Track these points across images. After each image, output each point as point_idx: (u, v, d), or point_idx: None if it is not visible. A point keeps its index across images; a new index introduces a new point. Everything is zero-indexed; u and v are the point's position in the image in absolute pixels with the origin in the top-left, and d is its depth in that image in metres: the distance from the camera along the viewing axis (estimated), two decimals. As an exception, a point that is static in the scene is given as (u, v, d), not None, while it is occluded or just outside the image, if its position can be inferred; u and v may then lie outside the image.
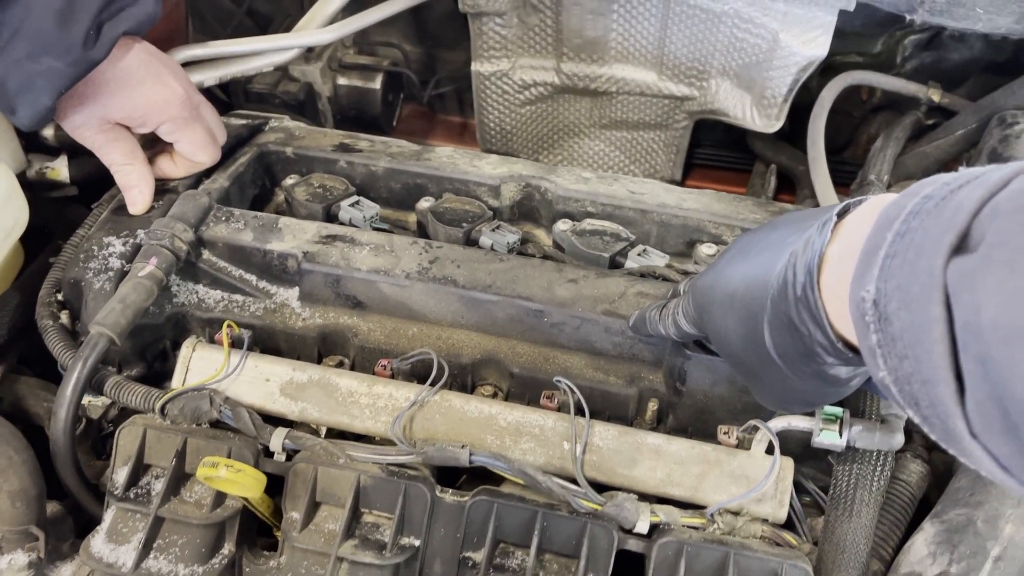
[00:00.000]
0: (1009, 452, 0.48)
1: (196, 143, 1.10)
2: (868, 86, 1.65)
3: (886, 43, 1.61)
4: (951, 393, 0.49)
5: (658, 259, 1.10)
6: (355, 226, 1.14)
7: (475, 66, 1.66)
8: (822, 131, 1.30)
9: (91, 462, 1.03)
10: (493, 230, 1.13)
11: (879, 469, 0.89)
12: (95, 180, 1.24)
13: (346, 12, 1.52)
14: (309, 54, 1.65)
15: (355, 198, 1.17)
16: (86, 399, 1.04)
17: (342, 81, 1.72)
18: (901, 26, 1.58)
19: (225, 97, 1.58)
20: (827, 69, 1.52)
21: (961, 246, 0.50)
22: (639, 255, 1.11)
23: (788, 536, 0.90)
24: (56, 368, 1.13)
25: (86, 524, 1.02)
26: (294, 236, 1.07)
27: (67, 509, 1.00)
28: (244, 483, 0.84)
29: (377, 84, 1.71)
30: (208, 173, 1.18)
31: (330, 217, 1.17)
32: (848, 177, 1.63)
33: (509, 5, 1.56)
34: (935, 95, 1.41)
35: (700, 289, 0.83)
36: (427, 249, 1.07)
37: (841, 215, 0.67)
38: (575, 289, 1.02)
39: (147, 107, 1.04)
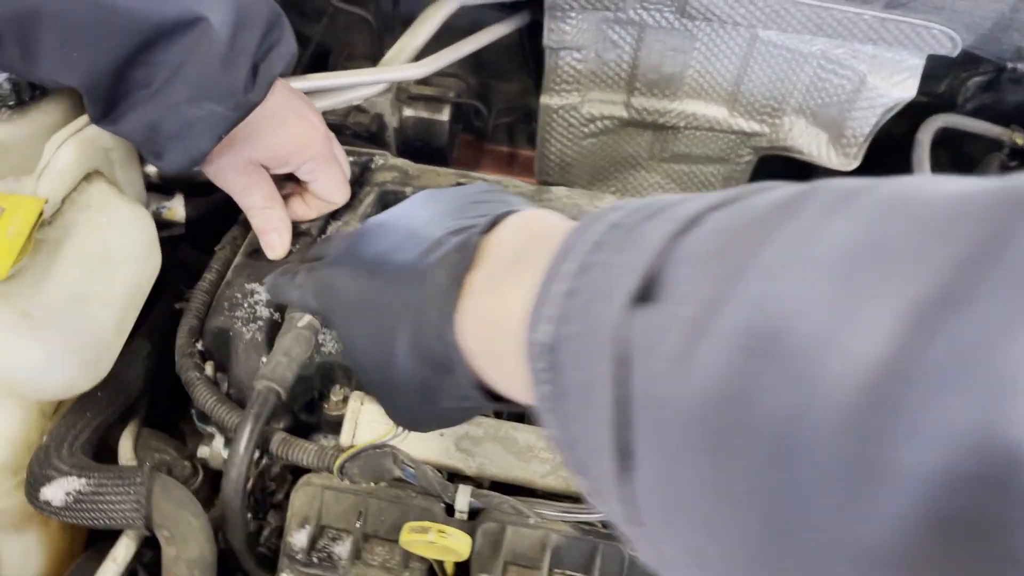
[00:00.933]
0: (672, 552, 0.41)
1: (334, 182, 1.07)
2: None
3: (950, 84, 1.65)
4: (612, 468, 0.42)
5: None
6: (492, 270, 1.12)
7: (544, 99, 1.65)
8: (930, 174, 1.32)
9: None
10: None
11: None
12: (204, 219, 1.20)
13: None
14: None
15: (488, 241, 1.15)
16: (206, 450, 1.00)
17: (408, 112, 1.69)
18: (968, 67, 1.63)
19: (305, 129, 1.54)
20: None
21: (647, 293, 0.43)
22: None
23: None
24: (167, 417, 1.10)
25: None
26: (443, 282, 1.05)
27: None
28: (453, 547, 0.81)
29: (445, 116, 1.68)
30: (334, 214, 1.14)
31: (462, 260, 1.14)
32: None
33: (590, 40, 1.55)
34: (1019, 139, 1.45)
35: (325, 277, 0.75)
36: (580, 296, 1.05)
37: (489, 229, 0.61)
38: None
39: (292, 146, 1.01)
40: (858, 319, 0.32)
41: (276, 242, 1.05)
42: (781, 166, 1.84)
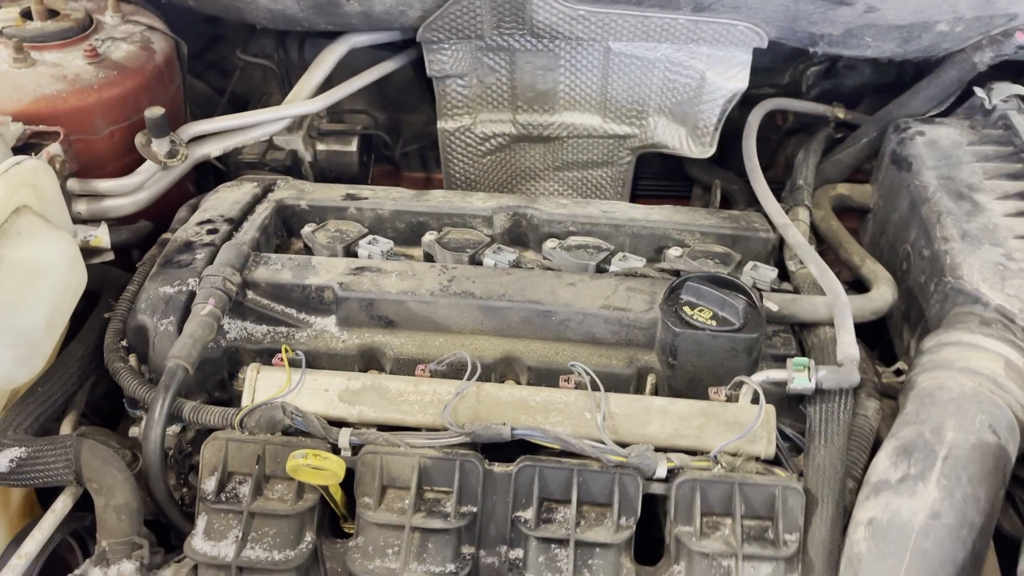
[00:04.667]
0: None
1: None
2: (782, 113, 1.92)
3: (792, 75, 1.88)
4: None
5: (636, 262, 1.30)
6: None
7: (441, 124, 1.86)
8: (754, 148, 1.53)
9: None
10: (494, 252, 1.32)
11: (844, 403, 1.10)
12: (131, 246, 1.39)
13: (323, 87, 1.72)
14: (291, 125, 1.82)
15: (371, 237, 1.34)
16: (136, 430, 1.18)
17: (321, 147, 1.89)
18: (803, 60, 1.86)
19: (224, 167, 1.73)
20: (745, 101, 1.75)
21: None
22: (620, 260, 1.31)
23: (778, 471, 1.09)
24: (110, 418, 1.27)
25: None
26: (327, 271, 1.24)
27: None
28: (330, 469, 0.99)
29: (353, 147, 1.88)
30: (237, 226, 1.34)
31: (350, 255, 1.33)
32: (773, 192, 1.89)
33: (470, 67, 1.77)
34: (840, 113, 1.67)
35: None
36: (444, 271, 1.25)
37: None
38: (575, 291, 1.21)
39: None
40: None
41: None
42: (658, 164, 2.05)
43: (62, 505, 1.04)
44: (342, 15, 1.57)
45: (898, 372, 1.27)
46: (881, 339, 1.42)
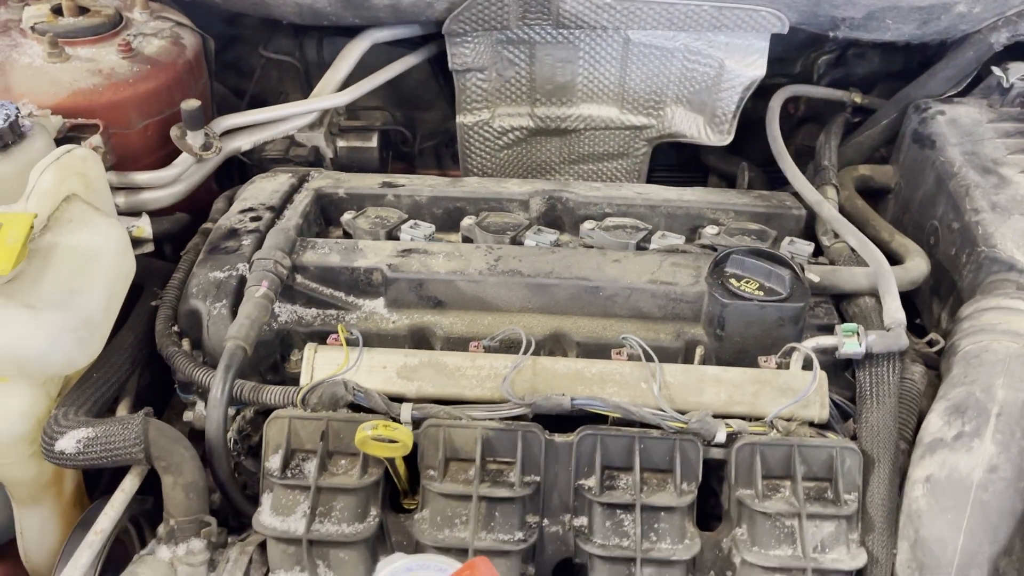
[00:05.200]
0: None
1: None
2: (794, 103, 1.96)
3: (803, 63, 1.92)
4: None
5: (676, 240, 1.33)
6: (417, 243, 1.33)
7: (459, 118, 1.88)
8: (778, 131, 1.57)
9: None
10: (535, 233, 1.34)
11: (893, 367, 1.12)
12: (169, 237, 1.40)
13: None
14: (313, 122, 1.83)
15: (412, 221, 1.36)
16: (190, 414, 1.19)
17: (341, 143, 1.90)
18: (815, 48, 1.90)
19: (250, 162, 1.74)
20: (758, 92, 1.79)
21: None
22: (660, 239, 1.33)
23: (830, 434, 1.11)
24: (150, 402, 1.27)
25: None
26: (375, 254, 1.25)
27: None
28: (400, 440, 1.00)
29: (374, 143, 1.90)
30: (279, 214, 1.35)
31: (392, 239, 1.35)
32: (782, 182, 1.92)
33: (490, 61, 1.79)
34: (857, 98, 1.71)
35: None
36: (490, 250, 1.27)
37: None
38: (620, 267, 1.24)
39: None
40: None
41: None
42: (672, 155, 2.09)
43: (130, 484, 1.04)
44: (370, 8, 1.59)
45: (931, 343, 1.30)
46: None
